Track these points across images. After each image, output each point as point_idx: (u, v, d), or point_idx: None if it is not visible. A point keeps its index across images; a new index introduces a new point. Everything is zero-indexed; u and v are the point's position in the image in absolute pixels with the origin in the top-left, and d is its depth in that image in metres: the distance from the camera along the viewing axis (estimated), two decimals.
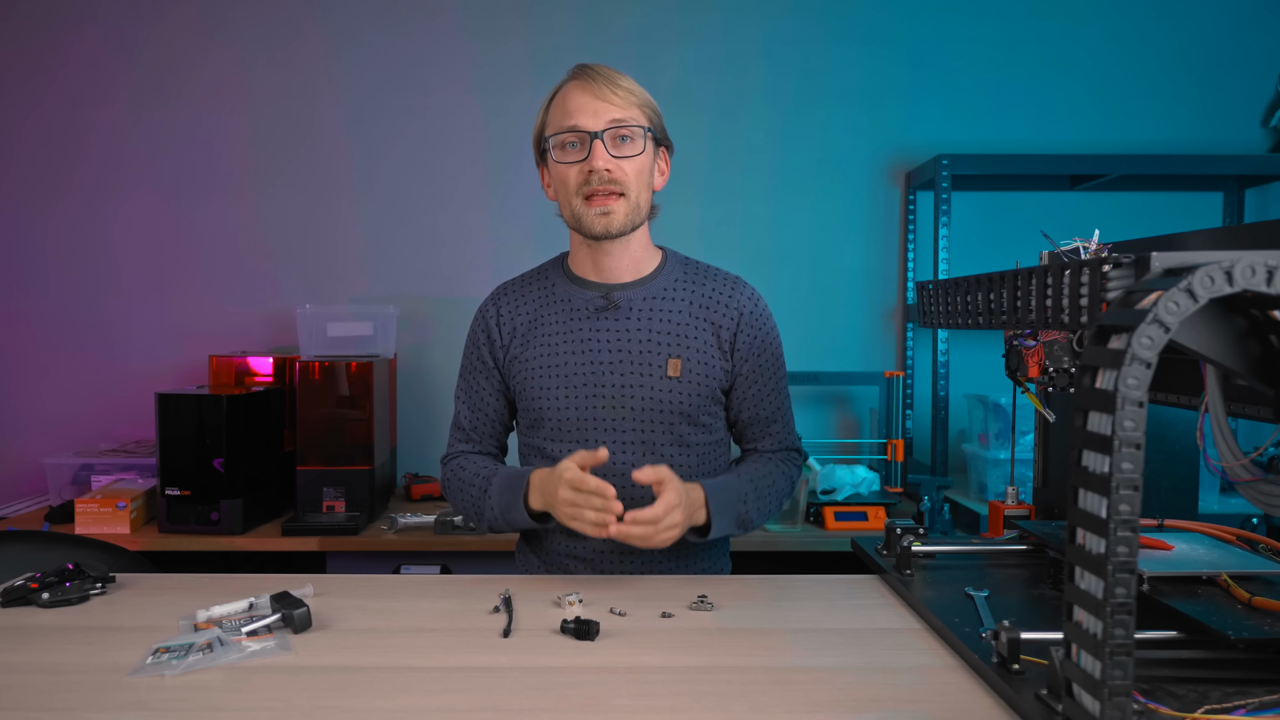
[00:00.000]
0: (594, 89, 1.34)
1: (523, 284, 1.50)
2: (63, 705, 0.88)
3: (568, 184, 1.36)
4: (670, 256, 1.49)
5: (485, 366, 1.48)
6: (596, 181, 1.33)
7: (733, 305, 1.43)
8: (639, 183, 1.37)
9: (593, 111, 1.33)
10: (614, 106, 1.34)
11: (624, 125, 1.34)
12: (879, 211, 2.80)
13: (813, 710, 0.88)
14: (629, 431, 1.38)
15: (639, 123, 1.36)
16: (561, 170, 1.37)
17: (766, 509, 1.41)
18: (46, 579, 1.19)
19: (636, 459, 1.38)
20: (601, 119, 1.33)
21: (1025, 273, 1.01)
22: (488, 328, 1.48)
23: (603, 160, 1.33)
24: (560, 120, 1.36)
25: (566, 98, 1.36)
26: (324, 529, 2.15)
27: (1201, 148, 2.72)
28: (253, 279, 2.77)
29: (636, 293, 1.42)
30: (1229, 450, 0.83)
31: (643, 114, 1.37)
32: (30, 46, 2.72)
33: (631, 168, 1.35)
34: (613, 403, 1.38)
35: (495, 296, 1.51)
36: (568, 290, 1.45)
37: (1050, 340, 1.16)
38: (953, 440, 2.60)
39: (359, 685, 0.93)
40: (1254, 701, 0.80)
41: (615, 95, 1.34)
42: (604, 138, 1.33)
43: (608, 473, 1.36)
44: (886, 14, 2.75)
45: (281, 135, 2.76)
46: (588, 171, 1.33)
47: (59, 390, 2.76)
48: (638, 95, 1.37)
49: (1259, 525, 1.80)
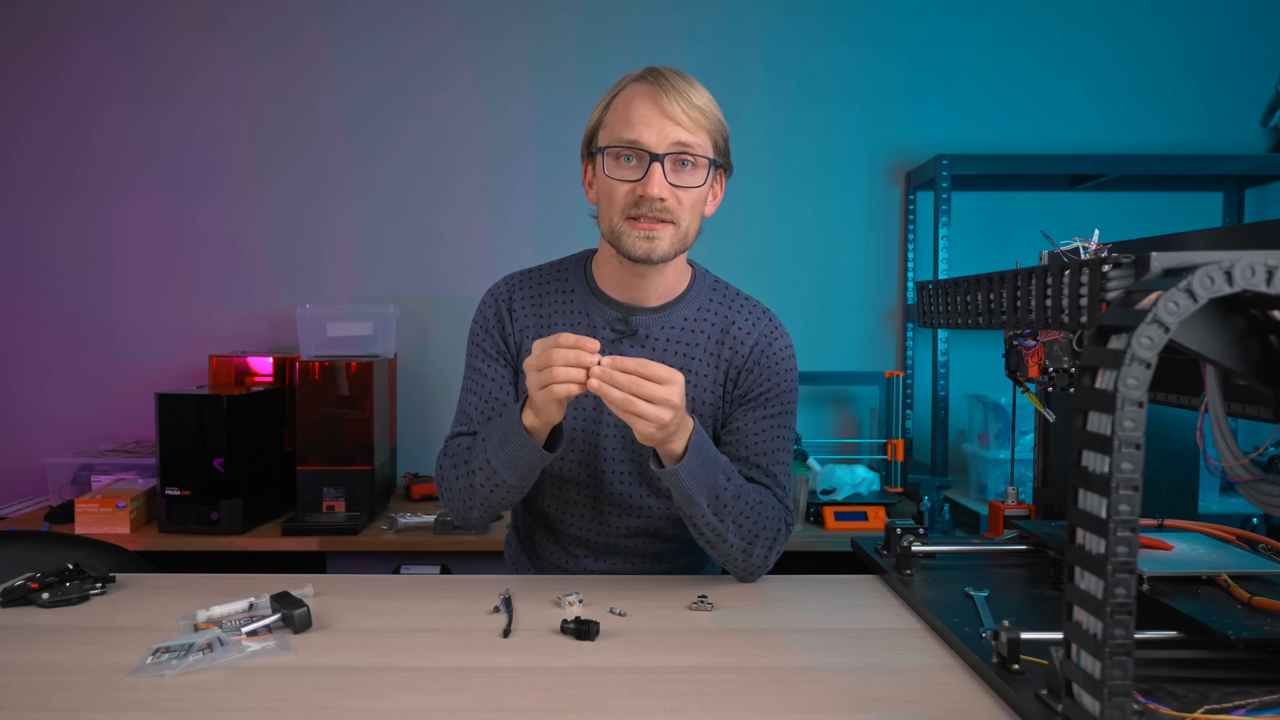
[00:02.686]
0: (663, 103, 1.20)
1: (540, 280, 1.38)
2: (63, 705, 0.88)
3: (614, 199, 1.23)
4: (699, 278, 1.38)
5: (499, 351, 1.36)
6: (647, 207, 1.21)
7: (746, 342, 1.33)
8: (692, 213, 1.25)
9: (658, 129, 1.20)
10: (682, 128, 1.20)
11: (689, 151, 1.21)
12: (879, 211, 2.80)
13: (813, 710, 0.88)
14: (630, 460, 1.34)
15: (705, 151, 1.23)
16: (610, 184, 1.23)
17: (742, 511, 1.22)
18: (46, 579, 1.19)
19: (635, 489, 1.35)
20: (666, 139, 1.20)
21: (1025, 273, 1.01)
22: (499, 314, 1.37)
23: (659, 188, 1.20)
24: (620, 129, 1.22)
25: (631, 103, 1.22)
26: (324, 529, 2.15)
27: (1201, 148, 2.72)
28: (253, 279, 2.77)
29: (656, 320, 1.33)
30: (1229, 450, 0.83)
31: (710, 139, 1.24)
32: (30, 46, 2.72)
33: (688, 198, 1.23)
34: (616, 429, 1.33)
35: (509, 286, 1.39)
36: (587, 303, 1.34)
37: (1050, 340, 1.16)
38: (953, 440, 2.60)
39: (359, 685, 0.93)
40: (1254, 701, 0.80)
41: (686, 115, 1.20)
42: (664, 162, 1.20)
43: (610, 495, 1.36)
44: (886, 14, 2.75)
45: (282, 135, 2.76)
46: (639, 194, 1.21)
47: (59, 390, 2.76)
48: (709, 117, 1.23)
49: (1259, 525, 1.80)
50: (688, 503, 1.19)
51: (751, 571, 1.27)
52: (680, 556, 1.43)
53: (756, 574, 1.28)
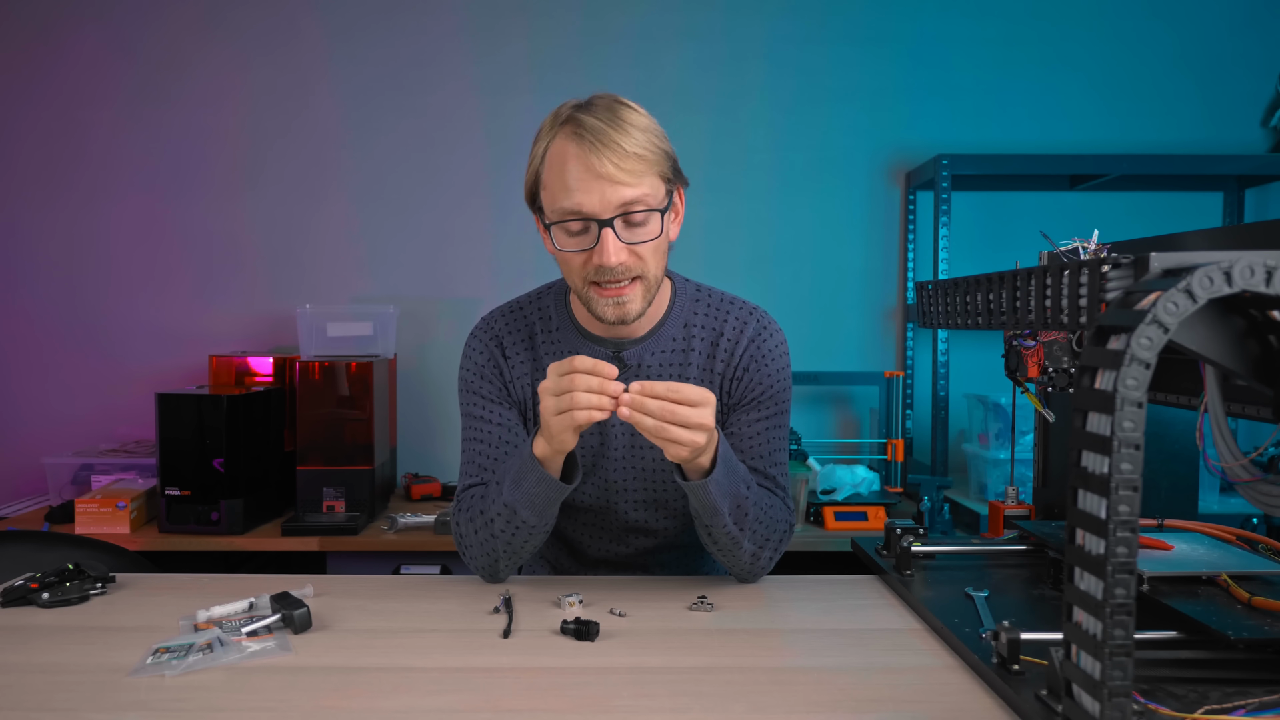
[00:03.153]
0: (595, 163, 1.10)
1: (524, 318, 1.34)
2: (63, 705, 0.88)
3: (572, 269, 1.18)
4: (679, 291, 1.33)
5: (501, 395, 1.31)
6: (608, 275, 1.15)
7: (738, 349, 1.30)
8: (655, 257, 1.18)
9: (599, 193, 1.11)
10: (622, 186, 1.11)
11: (635, 208, 1.13)
12: (879, 211, 2.80)
13: (813, 710, 0.88)
14: (639, 491, 1.32)
15: (654, 201, 1.15)
16: (566, 256, 1.18)
17: (758, 518, 1.22)
18: (46, 579, 1.19)
19: (647, 515, 1.34)
20: (610, 204, 1.12)
21: (1025, 273, 1.01)
22: (494, 357, 1.31)
23: (615, 254, 1.13)
24: (560, 197, 1.13)
25: (564, 166, 1.13)
26: (324, 529, 2.15)
27: (1201, 148, 2.72)
28: (253, 279, 2.77)
29: (646, 348, 1.29)
30: (1228, 450, 0.83)
31: (658, 179, 1.15)
32: (30, 46, 2.72)
33: (648, 249, 1.16)
34: (623, 464, 1.31)
35: (494, 328, 1.33)
36: (574, 343, 1.30)
37: (1050, 340, 1.16)
38: (953, 440, 2.60)
39: (359, 685, 0.93)
40: (1254, 702, 0.80)
41: (623, 171, 1.11)
42: (614, 225, 1.13)
43: (626, 522, 1.35)
44: (886, 14, 2.75)
45: (281, 135, 2.76)
46: (596, 264, 1.14)
47: (59, 390, 2.76)
48: (649, 159, 1.13)
49: (1259, 525, 1.80)
50: (710, 513, 1.16)
51: (755, 573, 1.27)
52: (697, 559, 1.44)
53: (759, 575, 1.29)
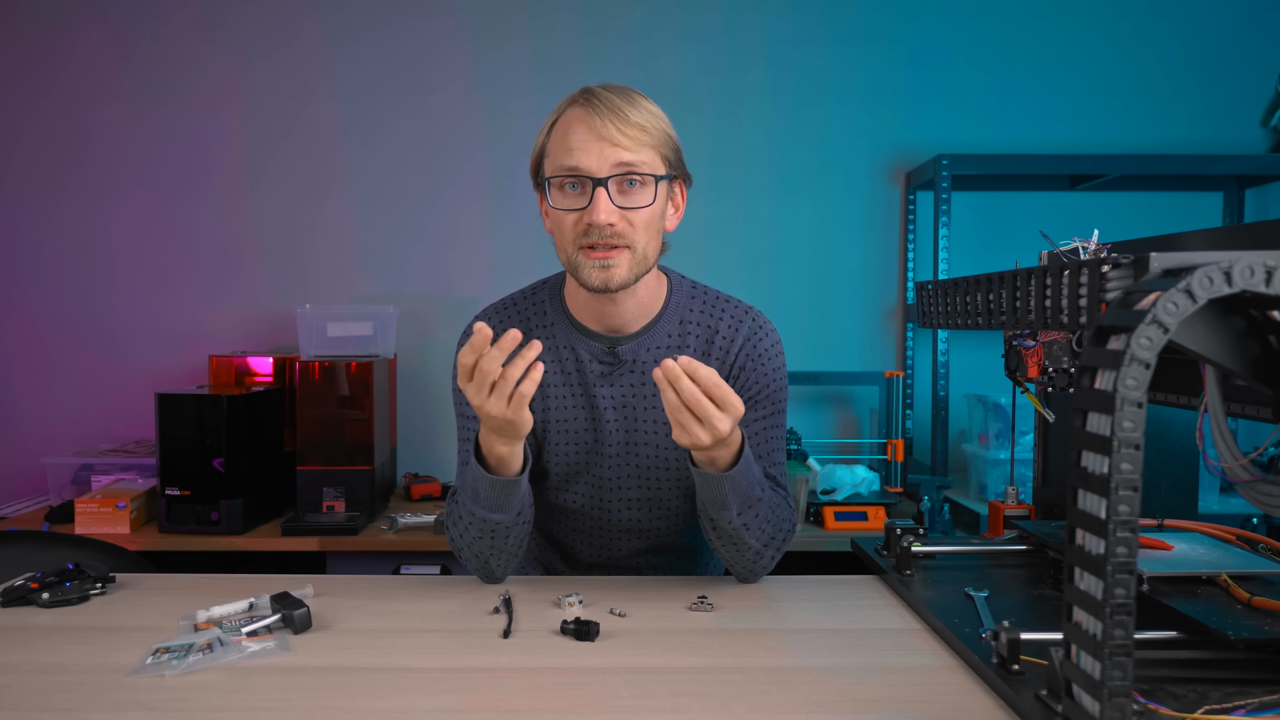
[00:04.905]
0: (599, 125, 1.16)
1: (518, 314, 1.35)
2: (63, 705, 0.88)
3: (564, 229, 1.20)
4: (675, 289, 1.34)
5: None
6: (597, 235, 1.17)
7: (733, 349, 1.31)
8: (647, 232, 1.20)
9: (597, 153, 1.16)
10: (621, 149, 1.16)
11: (633, 171, 1.17)
12: (879, 211, 2.80)
13: (813, 710, 0.88)
14: (635, 489, 1.33)
15: (651, 169, 1.19)
16: (559, 215, 1.20)
17: (767, 518, 1.22)
18: (46, 579, 1.19)
19: (641, 515, 1.34)
20: (607, 162, 1.16)
21: (1025, 273, 1.01)
22: None
23: (605, 213, 1.16)
24: (560, 156, 1.18)
25: (569, 129, 1.18)
26: (324, 529, 2.15)
27: (1201, 148, 2.71)
28: (253, 279, 2.77)
29: (641, 344, 1.30)
30: (1228, 450, 0.83)
31: (657, 154, 1.20)
32: (30, 46, 2.72)
33: (639, 219, 1.19)
34: (617, 460, 1.32)
35: (489, 324, 1.32)
36: (569, 337, 1.31)
37: (1050, 340, 1.16)
38: (953, 440, 2.60)
39: (359, 685, 0.93)
40: (1254, 702, 0.80)
41: (624, 135, 1.16)
42: (609, 185, 1.17)
43: (618, 523, 1.35)
44: (886, 14, 2.75)
45: (282, 135, 2.76)
46: (588, 223, 1.17)
47: (59, 390, 2.76)
48: (651, 132, 1.19)
49: (1259, 525, 1.80)
50: (718, 507, 1.16)
51: (757, 572, 1.27)
52: (690, 562, 1.44)
53: (760, 574, 1.28)
